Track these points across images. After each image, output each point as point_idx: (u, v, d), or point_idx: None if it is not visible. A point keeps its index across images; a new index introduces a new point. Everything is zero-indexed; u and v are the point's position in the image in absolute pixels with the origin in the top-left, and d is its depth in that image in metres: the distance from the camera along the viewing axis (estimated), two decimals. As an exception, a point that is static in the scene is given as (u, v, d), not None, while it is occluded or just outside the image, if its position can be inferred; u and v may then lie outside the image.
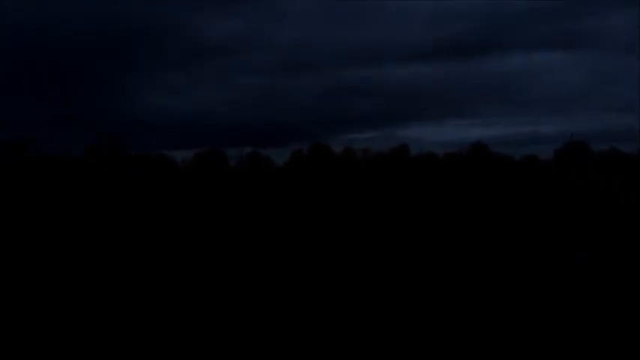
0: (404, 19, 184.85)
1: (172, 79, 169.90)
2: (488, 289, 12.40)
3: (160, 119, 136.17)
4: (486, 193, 45.24)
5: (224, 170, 57.23)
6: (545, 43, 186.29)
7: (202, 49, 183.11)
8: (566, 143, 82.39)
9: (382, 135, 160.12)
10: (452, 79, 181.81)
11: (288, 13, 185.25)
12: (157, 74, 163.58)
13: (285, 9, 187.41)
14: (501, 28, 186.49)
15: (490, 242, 19.44)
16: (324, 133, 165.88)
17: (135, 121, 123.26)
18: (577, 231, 19.28)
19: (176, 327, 10.11)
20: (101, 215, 29.97)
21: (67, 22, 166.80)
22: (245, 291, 12.86)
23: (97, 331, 10.06)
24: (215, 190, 45.51)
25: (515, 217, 26.98)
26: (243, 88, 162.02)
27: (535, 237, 20.44)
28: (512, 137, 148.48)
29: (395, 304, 11.45)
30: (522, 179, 58.73)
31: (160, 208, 33.94)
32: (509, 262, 15.71)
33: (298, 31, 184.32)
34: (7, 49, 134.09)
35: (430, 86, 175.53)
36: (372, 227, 25.56)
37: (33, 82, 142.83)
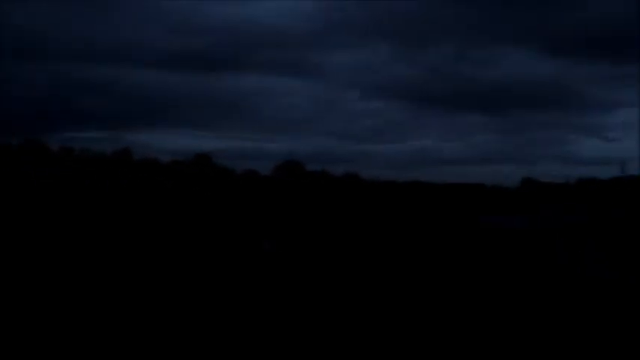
0: (146, 24, 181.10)
1: None
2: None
3: None
4: (206, 199, 46.47)
5: None
6: (277, 68, 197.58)
7: None
8: (284, 160, 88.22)
9: (109, 137, 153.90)
10: (188, 90, 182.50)
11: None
12: None
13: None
14: (239, 48, 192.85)
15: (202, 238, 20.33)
16: (42, 128, 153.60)
17: None
18: (265, 222, 20.84)
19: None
20: None
21: None
22: None
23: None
24: None
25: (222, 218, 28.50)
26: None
27: (227, 229, 22.14)
28: (240, 151, 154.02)
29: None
30: (242, 190, 61.48)
31: None
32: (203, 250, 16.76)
33: (29, 18, 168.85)
34: None
35: (165, 94, 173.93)
36: (87, 225, 24.77)
37: None
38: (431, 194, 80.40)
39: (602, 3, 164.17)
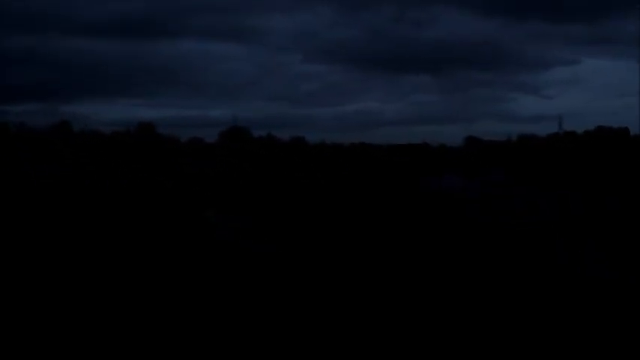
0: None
1: None
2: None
3: None
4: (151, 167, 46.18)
5: None
6: (216, 33, 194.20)
7: None
8: (230, 127, 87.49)
9: (43, 109, 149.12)
10: (122, 58, 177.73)
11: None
12: None
13: None
14: (173, 13, 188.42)
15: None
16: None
17: None
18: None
19: None
20: None
21: None
22: None
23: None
24: None
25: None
26: None
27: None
28: (182, 119, 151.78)
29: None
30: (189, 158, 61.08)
31: None
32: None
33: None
34: None
35: (100, 63, 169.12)
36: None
37: None
38: (375, 156, 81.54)
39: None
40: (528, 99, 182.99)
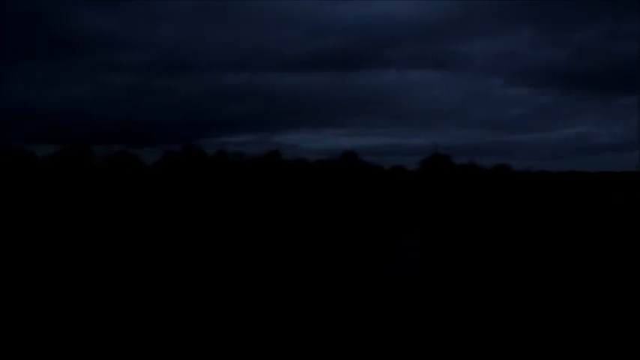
0: (285, 27, 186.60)
1: (37, 72, 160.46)
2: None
3: (21, 113, 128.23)
4: (356, 197, 46.62)
5: (89, 167, 54.91)
6: (417, 61, 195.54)
7: (73, 43, 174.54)
8: (431, 155, 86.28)
9: (256, 139, 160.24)
10: (328, 90, 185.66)
11: (166, 13, 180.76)
12: (21, 66, 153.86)
13: (163, 9, 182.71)
14: (378, 45, 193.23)
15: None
16: (196, 135, 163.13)
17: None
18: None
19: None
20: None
21: None
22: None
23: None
24: (79, 187, 43.69)
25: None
26: (114, 86, 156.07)
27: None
28: (384, 148, 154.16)
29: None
30: (390, 186, 61.16)
31: (17, 203, 32.16)
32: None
33: (176, 31, 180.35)
34: None
35: (307, 96, 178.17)
36: (244, 227, 25.62)
37: None
38: (587, 184, 75.58)
39: None
40: None
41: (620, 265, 16.55)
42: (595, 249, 20.07)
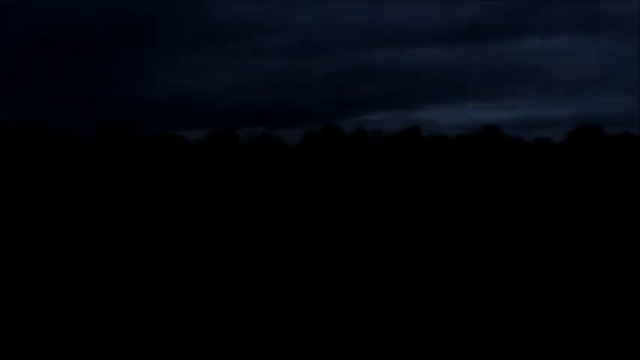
0: (415, 2, 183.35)
1: (184, 60, 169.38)
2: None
3: (171, 100, 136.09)
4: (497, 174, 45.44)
5: (236, 150, 57.56)
6: (561, 26, 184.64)
7: (215, 31, 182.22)
8: (579, 126, 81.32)
9: (394, 117, 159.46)
10: (467, 62, 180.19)
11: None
12: (169, 55, 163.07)
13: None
14: (517, 12, 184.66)
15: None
16: (335, 114, 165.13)
17: (145, 101, 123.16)
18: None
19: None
20: (116, 195, 30.36)
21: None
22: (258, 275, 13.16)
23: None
24: (228, 170, 45.94)
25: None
26: (255, 71, 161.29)
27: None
28: (527, 120, 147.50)
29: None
30: (534, 161, 58.89)
31: (175, 187, 34.30)
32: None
33: (311, 13, 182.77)
34: (15, 25, 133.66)
35: (446, 69, 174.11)
36: (386, 207, 25.87)
37: (41, 62, 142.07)
38: None
39: None
40: None
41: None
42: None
